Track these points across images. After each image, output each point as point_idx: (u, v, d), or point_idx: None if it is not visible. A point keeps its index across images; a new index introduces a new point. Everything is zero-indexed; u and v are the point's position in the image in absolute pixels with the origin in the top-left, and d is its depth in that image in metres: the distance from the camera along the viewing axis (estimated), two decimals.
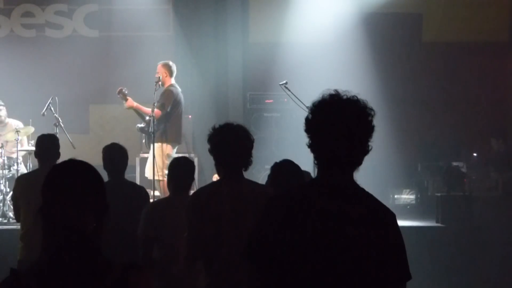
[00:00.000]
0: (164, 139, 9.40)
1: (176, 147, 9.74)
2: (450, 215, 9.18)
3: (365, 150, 2.67)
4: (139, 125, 9.64)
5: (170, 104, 9.40)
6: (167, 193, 9.13)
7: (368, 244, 2.58)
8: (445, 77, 12.05)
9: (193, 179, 5.40)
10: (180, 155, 10.42)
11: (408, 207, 10.85)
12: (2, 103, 10.33)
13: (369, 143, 2.67)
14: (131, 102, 9.57)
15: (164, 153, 9.33)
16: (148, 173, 9.47)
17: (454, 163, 10.71)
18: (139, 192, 5.93)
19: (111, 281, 2.17)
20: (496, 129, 11.16)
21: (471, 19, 12.08)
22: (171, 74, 9.54)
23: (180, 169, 5.31)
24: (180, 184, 5.27)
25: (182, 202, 5.18)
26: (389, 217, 2.67)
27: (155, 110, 9.35)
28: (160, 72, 9.54)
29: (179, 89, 9.60)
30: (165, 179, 9.13)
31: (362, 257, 2.58)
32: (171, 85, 9.51)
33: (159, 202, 5.26)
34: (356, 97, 2.67)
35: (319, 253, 2.57)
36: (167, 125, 9.44)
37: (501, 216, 9.12)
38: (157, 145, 9.42)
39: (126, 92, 9.63)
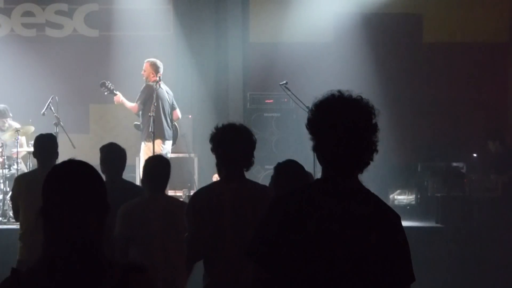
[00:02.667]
0: (148, 137, 9.38)
1: (166, 144, 9.69)
2: (449, 216, 9.18)
3: (371, 150, 2.66)
4: (136, 123, 9.75)
5: (142, 99, 9.50)
6: None
7: (373, 246, 2.58)
8: (446, 77, 12.05)
9: (168, 177, 5.33)
10: (158, 154, 10.47)
11: (408, 207, 10.84)
12: (11, 114, 10.26)
13: (375, 143, 2.66)
14: (118, 98, 9.70)
15: (150, 151, 9.24)
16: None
17: (454, 164, 10.71)
18: (137, 192, 5.91)
19: (112, 281, 2.17)
20: (495, 130, 11.15)
21: (472, 20, 12.08)
22: (156, 73, 9.61)
23: (154, 169, 5.24)
24: (155, 183, 5.21)
25: (158, 202, 5.16)
26: (394, 218, 2.67)
27: (133, 104, 9.60)
28: (147, 70, 9.68)
29: (160, 87, 9.59)
30: None
31: (367, 258, 2.57)
32: (152, 82, 9.57)
33: (136, 201, 5.20)
34: (360, 96, 2.67)
35: (323, 253, 2.57)
36: (144, 120, 9.48)
37: (500, 217, 9.12)
38: (143, 143, 9.50)
39: (111, 86, 9.69)
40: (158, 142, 9.47)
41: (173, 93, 10.00)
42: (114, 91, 9.70)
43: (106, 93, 9.77)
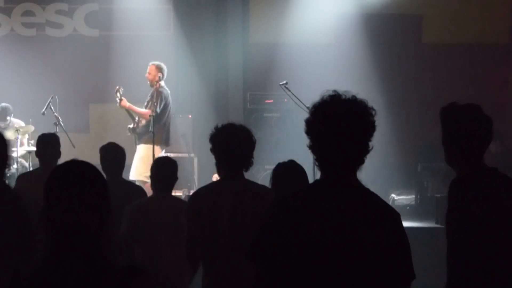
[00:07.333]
0: (152, 140, 9.35)
1: (164, 150, 9.74)
2: None
3: (366, 150, 2.67)
4: (130, 126, 9.74)
5: (160, 105, 9.47)
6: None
7: (374, 244, 2.59)
8: (445, 78, 12.05)
9: (176, 178, 5.39)
10: (164, 154, 10.47)
11: (408, 207, 10.83)
12: (11, 110, 10.30)
13: (370, 142, 2.67)
14: (125, 102, 9.68)
15: (151, 154, 9.22)
16: (134, 174, 9.41)
17: None
18: (137, 191, 5.93)
19: (112, 283, 2.17)
20: (495, 131, 11.14)
21: (471, 21, 12.08)
22: (162, 76, 9.58)
23: (163, 169, 5.30)
24: (163, 184, 5.27)
25: (164, 202, 5.20)
26: (394, 217, 2.68)
27: (146, 110, 9.56)
28: (152, 73, 9.62)
29: (169, 91, 9.64)
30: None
31: (368, 257, 2.58)
32: (162, 86, 9.56)
33: (142, 201, 5.27)
34: (355, 97, 2.68)
35: (324, 253, 2.58)
36: (157, 126, 9.45)
37: None
38: (145, 146, 9.46)
39: (121, 92, 9.72)
40: (160, 148, 9.56)
41: (173, 93, 10.01)
42: (122, 97, 9.72)
43: (117, 99, 9.73)
